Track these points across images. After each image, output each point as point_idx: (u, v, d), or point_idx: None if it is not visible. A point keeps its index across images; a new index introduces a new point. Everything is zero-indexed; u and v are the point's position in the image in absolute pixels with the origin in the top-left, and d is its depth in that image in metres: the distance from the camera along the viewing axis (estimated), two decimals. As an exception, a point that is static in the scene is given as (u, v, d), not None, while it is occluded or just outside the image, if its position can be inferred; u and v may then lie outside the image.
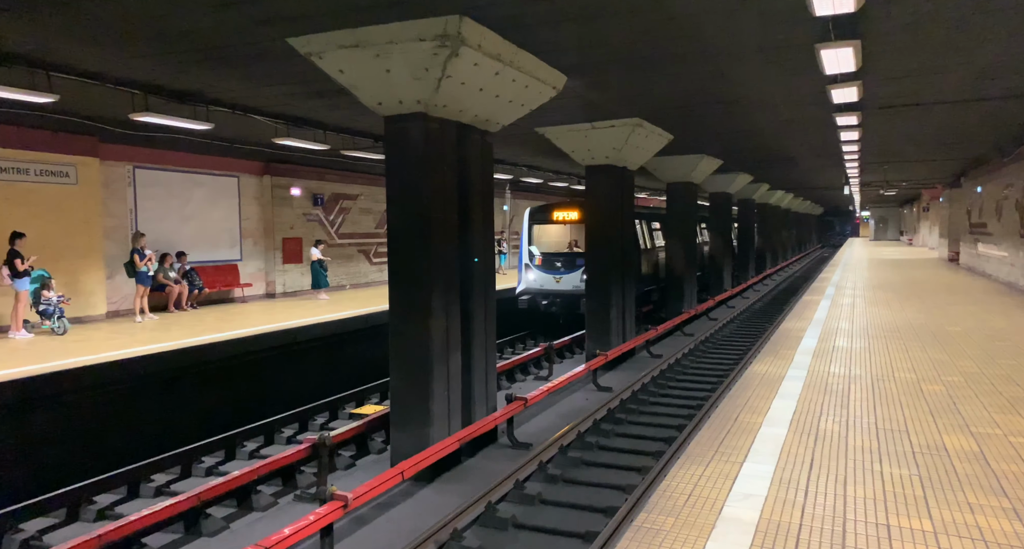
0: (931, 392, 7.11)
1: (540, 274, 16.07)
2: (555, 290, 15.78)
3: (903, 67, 8.94)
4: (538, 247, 16.94)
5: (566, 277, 15.84)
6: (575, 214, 16.16)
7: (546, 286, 15.93)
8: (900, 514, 4.18)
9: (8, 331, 10.89)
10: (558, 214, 16.69)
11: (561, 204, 16.99)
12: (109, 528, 5.48)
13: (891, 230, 63.15)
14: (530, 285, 16.16)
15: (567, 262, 16.06)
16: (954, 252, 28.00)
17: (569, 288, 15.62)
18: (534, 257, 16.32)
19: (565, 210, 16.62)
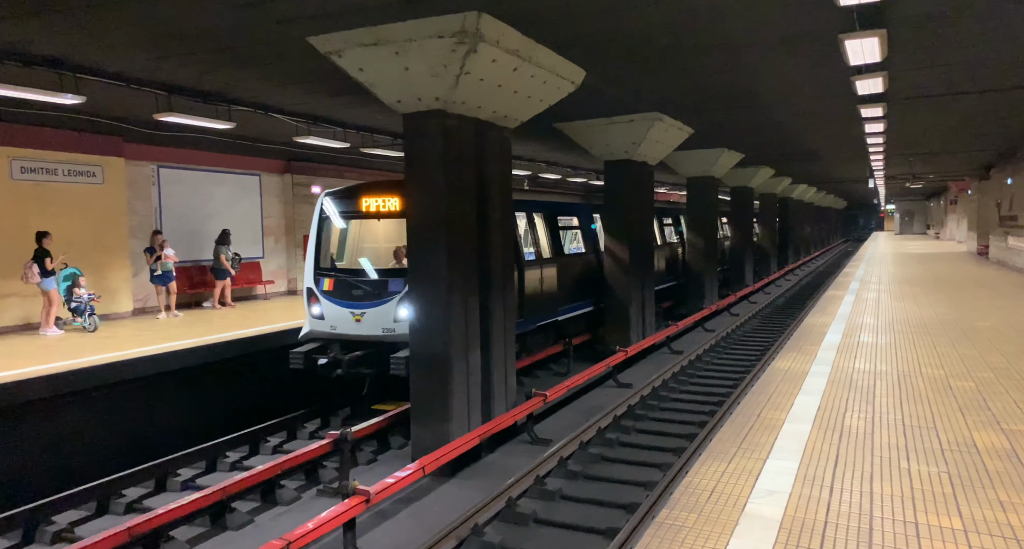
0: (960, 388, 6.97)
1: (331, 307, 9.26)
2: (354, 335, 9.08)
3: (930, 56, 8.75)
4: (338, 257, 10.31)
5: (372, 311, 8.96)
6: (395, 201, 9.27)
7: (340, 327, 9.16)
8: (929, 512, 4.10)
9: (39, 328, 11.14)
10: (369, 202, 9.52)
11: (372, 187, 9.83)
12: (138, 521, 5.59)
13: (917, 224, 61.97)
14: (316, 327, 9.43)
15: (374, 286, 9.12)
16: (983, 246, 27.39)
17: (376, 331, 8.90)
18: (322, 278, 9.48)
19: (379, 195, 9.46)
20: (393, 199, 9.32)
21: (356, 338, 9.07)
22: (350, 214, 9.93)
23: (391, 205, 9.37)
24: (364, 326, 9.00)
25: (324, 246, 9.87)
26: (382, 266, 9.95)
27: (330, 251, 10.01)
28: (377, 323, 8.90)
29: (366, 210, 9.58)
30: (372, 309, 8.97)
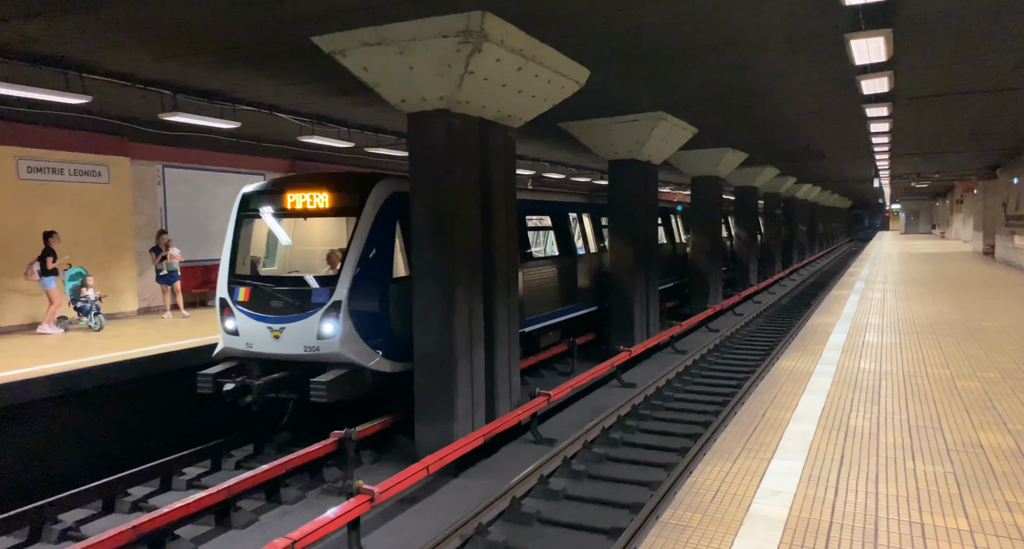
0: (966, 388, 6.94)
1: (246, 321, 7.96)
2: (272, 354, 7.83)
3: (937, 56, 8.71)
4: (262, 261, 9.15)
5: (293, 327, 7.70)
6: (325, 197, 8.11)
7: (257, 345, 7.90)
8: (935, 512, 4.09)
9: (40, 327, 11.18)
10: (295, 198, 8.26)
11: (299, 181, 8.76)
12: (143, 519, 5.61)
13: (923, 223, 61.71)
14: (229, 344, 8.14)
15: (295, 297, 7.82)
16: (989, 245, 27.27)
17: (296, 350, 7.66)
18: (237, 287, 8.18)
19: (308, 190, 8.22)
20: (323, 195, 8.12)
21: (275, 358, 7.80)
22: (274, 212, 8.67)
23: (320, 202, 8.12)
24: (283, 344, 7.70)
25: (242, 250, 8.60)
26: (311, 273, 8.62)
27: (249, 255, 8.71)
28: (298, 340, 7.64)
29: (292, 207, 8.33)
30: (292, 324, 7.68)
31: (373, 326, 7.84)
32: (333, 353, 7.48)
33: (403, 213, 8.06)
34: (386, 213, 8.06)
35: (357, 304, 7.67)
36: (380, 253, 7.96)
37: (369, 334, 7.77)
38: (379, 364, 7.79)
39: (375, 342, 7.82)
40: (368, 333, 7.76)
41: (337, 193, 8.16)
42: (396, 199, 8.21)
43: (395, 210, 8.16)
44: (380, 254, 7.96)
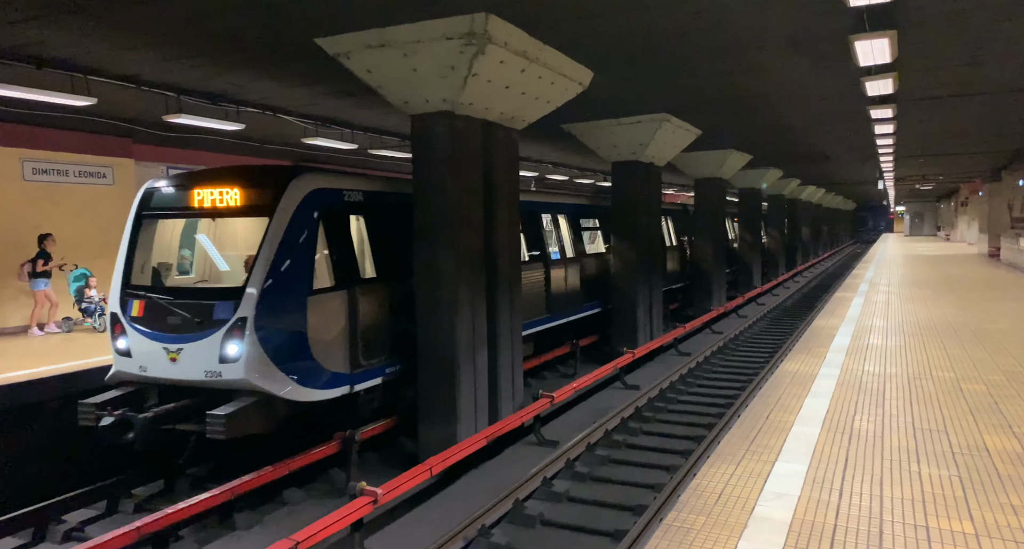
0: (971, 391, 6.91)
1: (139, 340, 6.84)
2: (169, 379, 6.74)
3: (942, 58, 8.69)
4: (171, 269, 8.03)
5: (191, 347, 6.59)
6: (235, 193, 6.96)
7: (152, 369, 6.76)
8: (940, 516, 4.07)
9: (45, 327, 11.21)
10: (203, 196, 7.11)
11: (208, 176, 7.40)
12: (147, 520, 5.62)
13: (927, 225, 61.52)
14: (122, 367, 6.97)
15: (195, 312, 6.67)
16: (994, 247, 27.17)
17: (196, 375, 6.56)
18: (131, 300, 7.05)
19: (219, 186, 7.07)
20: (233, 191, 6.93)
21: (173, 383, 6.69)
22: (180, 211, 7.40)
23: (231, 199, 6.94)
24: (181, 367, 6.55)
25: (140, 256, 7.43)
26: (219, 282, 7.80)
27: (149, 262, 7.53)
28: (197, 363, 6.48)
29: (200, 206, 7.12)
30: (190, 344, 6.52)
31: (287, 347, 6.60)
32: (237, 379, 6.36)
33: (329, 212, 7.20)
34: (306, 213, 6.89)
35: (267, 321, 6.44)
36: (297, 260, 6.73)
37: (282, 357, 6.54)
38: (294, 392, 6.56)
39: (289, 366, 6.59)
40: (281, 355, 6.52)
41: (248, 189, 6.95)
42: (320, 196, 7.13)
43: (318, 209, 7.05)
44: (297, 261, 6.73)
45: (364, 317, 7.41)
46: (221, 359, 6.47)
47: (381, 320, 7.73)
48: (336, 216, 7.36)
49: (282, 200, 6.83)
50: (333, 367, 7.03)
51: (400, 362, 7.97)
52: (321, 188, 7.23)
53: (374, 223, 8.08)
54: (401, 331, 7.90)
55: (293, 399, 6.61)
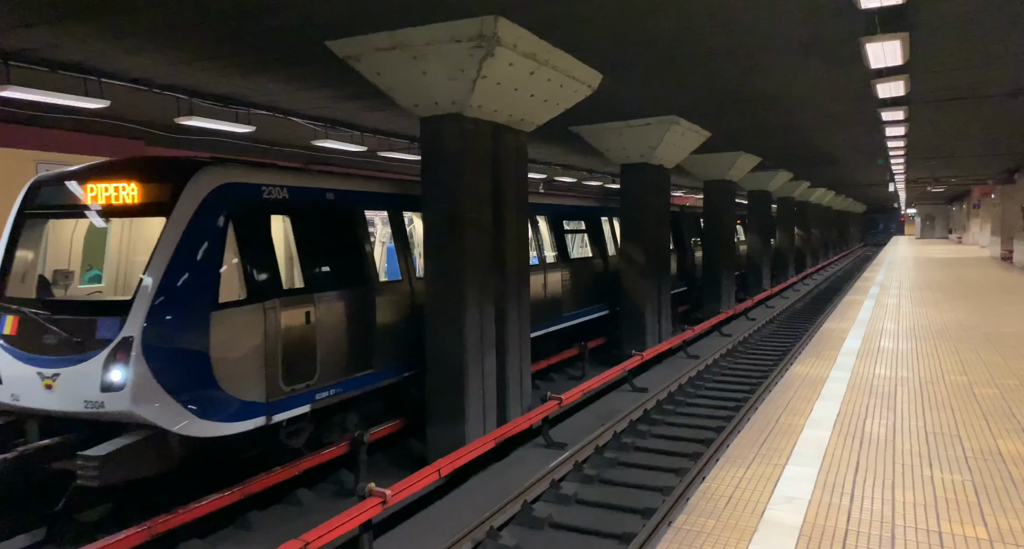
0: (984, 395, 6.85)
1: (10, 363, 5.88)
2: (44, 410, 5.77)
3: (954, 59, 8.63)
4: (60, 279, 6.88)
5: (68, 372, 5.60)
6: (132, 190, 6.05)
7: (25, 397, 5.79)
8: (952, 521, 4.03)
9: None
10: (96, 191, 6.19)
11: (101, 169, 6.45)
12: (157, 520, 5.65)
13: (939, 228, 61.06)
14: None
15: (75, 329, 5.67)
16: (1007, 250, 26.91)
17: (74, 405, 5.56)
18: (4, 315, 6.10)
19: (111, 180, 6.15)
20: (129, 187, 5.99)
21: (49, 415, 5.72)
22: (67, 210, 6.40)
23: (126, 196, 5.99)
24: (57, 396, 5.55)
25: (20, 262, 6.42)
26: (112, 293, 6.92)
27: (33, 270, 6.53)
28: (75, 391, 5.49)
29: (92, 204, 6.14)
30: (68, 368, 5.52)
31: (184, 372, 5.62)
32: (122, 411, 5.38)
33: (243, 212, 6.20)
34: (211, 212, 5.94)
35: (159, 341, 5.47)
36: (199, 268, 5.78)
37: (177, 383, 5.55)
38: (191, 426, 5.58)
39: (187, 395, 5.60)
40: (175, 382, 5.54)
41: (145, 185, 5.98)
42: (230, 193, 6.15)
43: (228, 208, 6.07)
44: (199, 270, 5.78)
45: (288, 335, 6.39)
46: (103, 387, 5.40)
47: (311, 338, 6.68)
48: (252, 216, 6.35)
49: (181, 197, 5.84)
50: (244, 394, 5.98)
51: (338, 385, 7.00)
52: (232, 183, 6.23)
53: (306, 225, 7.01)
54: (340, 349, 7.00)
55: (191, 434, 5.62)
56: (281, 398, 6.36)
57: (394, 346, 7.88)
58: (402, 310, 8.12)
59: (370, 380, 7.56)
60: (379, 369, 7.66)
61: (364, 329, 7.46)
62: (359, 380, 7.41)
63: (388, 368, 7.83)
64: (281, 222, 7.22)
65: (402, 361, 8.03)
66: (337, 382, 7.05)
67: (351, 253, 7.51)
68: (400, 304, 8.11)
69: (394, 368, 7.94)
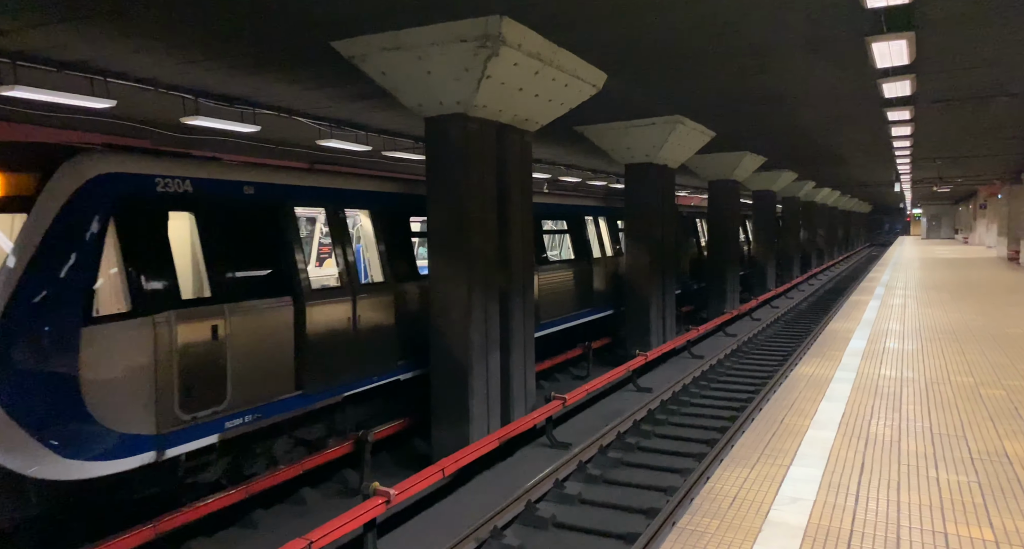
0: (990, 396, 6.82)
1: None
2: None
3: (960, 59, 8.60)
4: None
5: None
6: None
7: None
8: (958, 522, 4.02)
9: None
10: None
11: None
12: (163, 519, 5.67)
13: (945, 228, 60.77)
14: None
15: None
16: (1014, 251, 26.77)
17: None
18: None
19: None
20: None
21: None
22: None
23: None
24: None
25: None
26: None
27: None
28: None
29: None
30: None
31: (44, 402, 4.77)
32: None
33: (129, 208, 5.36)
34: (84, 209, 5.11)
35: (9, 364, 4.68)
36: (66, 276, 4.92)
37: (34, 416, 4.71)
38: (52, 468, 4.76)
39: (47, 431, 4.75)
40: (31, 414, 4.70)
41: (6, 174, 5.18)
42: (110, 185, 5.28)
43: (106, 203, 5.22)
44: (66, 278, 4.92)
45: (187, 353, 5.55)
46: None
47: (219, 356, 5.79)
48: (142, 213, 5.46)
49: (45, 190, 4.98)
50: (126, 426, 5.08)
51: (258, 410, 6.13)
52: (116, 173, 5.32)
53: (216, 224, 6.07)
54: (260, 367, 6.15)
55: (52, 478, 4.77)
56: (178, 429, 5.47)
57: (332, 362, 6.92)
58: (341, 322, 7.09)
59: (303, 402, 6.61)
60: (314, 389, 6.71)
61: (292, 344, 6.55)
62: (288, 403, 6.45)
63: (326, 387, 6.89)
64: (183, 221, 6.03)
65: (342, 379, 7.06)
66: (257, 406, 6.13)
67: (275, 257, 6.61)
68: (338, 315, 7.06)
69: (333, 387, 6.99)
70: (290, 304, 6.64)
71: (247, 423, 6.08)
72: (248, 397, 6.10)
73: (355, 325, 7.32)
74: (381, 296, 7.80)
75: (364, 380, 7.46)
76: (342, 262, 7.44)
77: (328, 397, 7.00)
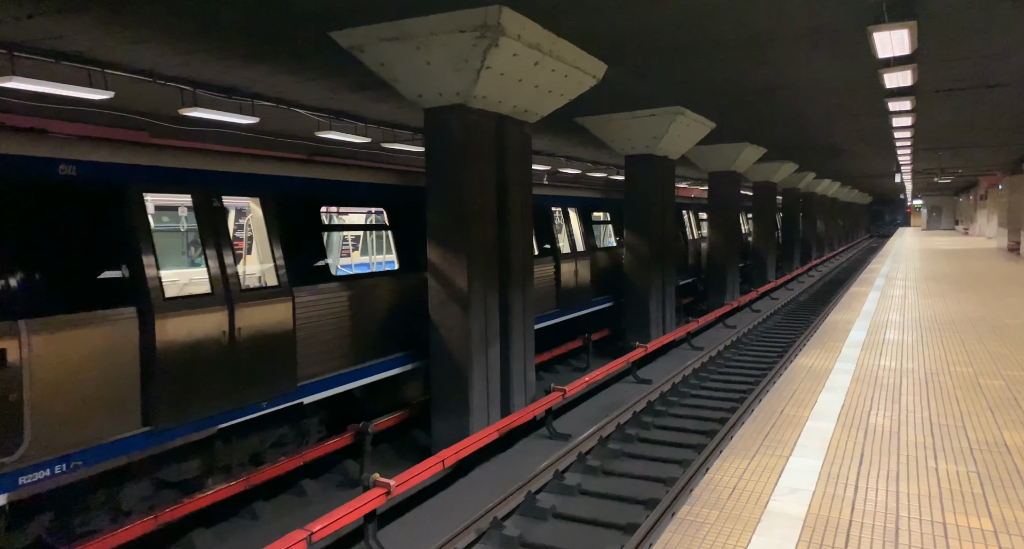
0: (990, 387, 6.82)
1: None
2: None
3: (962, 49, 8.55)
4: None
5: None
6: None
7: None
8: (957, 512, 4.03)
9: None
10: None
11: None
12: (164, 510, 5.69)
13: (945, 219, 60.73)
14: None
15: None
16: (1014, 242, 26.74)
17: None
18: None
19: None
20: None
21: None
22: None
23: None
24: None
25: None
26: None
27: None
28: None
29: None
30: None
31: None
32: None
33: None
34: None
35: None
36: None
37: None
38: None
39: None
40: None
41: None
42: None
43: None
44: None
45: None
46: None
47: (9, 389, 4.54)
48: None
49: None
50: None
51: (80, 456, 4.90)
52: None
53: (10, 214, 4.74)
54: (79, 401, 4.90)
55: None
56: None
57: (197, 389, 5.64)
58: (212, 338, 5.77)
59: (149, 441, 5.35)
60: (168, 424, 5.42)
61: (137, 369, 5.27)
62: (126, 444, 5.21)
63: (187, 421, 5.58)
64: None
65: (214, 408, 5.79)
66: (79, 452, 4.88)
67: (111, 257, 5.27)
68: (208, 329, 5.74)
69: (198, 420, 5.67)
70: (134, 317, 5.26)
71: (58, 475, 4.75)
72: (62, 441, 4.77)
73: (233, 341, 5.93)
74: (274, 304, 6.35)
75: (248, 408, 6.09)
76: (215, 263, 5.95)
77: (189, 433, 5.63)
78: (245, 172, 6.49)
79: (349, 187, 7.73)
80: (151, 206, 6.36)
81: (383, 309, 7.77)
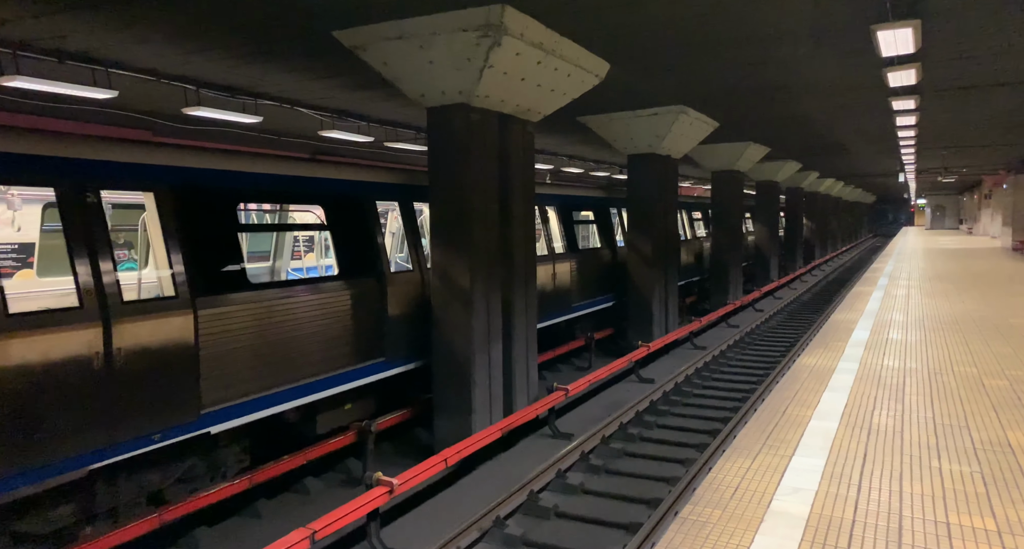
0: (994, 387, 6.80)
1: None
2: None
3: (967, 47, 8.51)
4: None
5: None
6: None
7: None
8: (961, 512, 4.02)
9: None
10: None
11: None
12: (167, 508, 5.71)
13: (949, 218, 60.54)
14: None
15: None
16: (1019, 241, 26.67)
17: None
18: None
19: None
20: None
21: None
22: None
23: None
24: None
25: None
26: None
27: None
28: None
29: None
30: None
31: None
32: None
33: None
34: None
35: None
36: None
37: None
38: None
39: None
40: None
41: None
42: None
43: None
44: None
45: None
46: None
47: None
48: None
49: None
50: None
51: None
52: None
53: None
54: None
55: None
56: None
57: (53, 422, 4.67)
58: (78, 360, 4.81)
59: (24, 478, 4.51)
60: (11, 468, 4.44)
61: None
62: None
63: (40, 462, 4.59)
64: None
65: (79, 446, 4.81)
66: None
67: None
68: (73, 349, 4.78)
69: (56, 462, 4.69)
70: None
71: None
72: None
73: (109, 363, 4.98)
74: (168, 317, 5.41)
75: (133, 442, 5.14)
76: (86, 269, 4.99)
77: (43, 479, 4.62)
78: (133, 162, 5.44)
79: (275, 181, 6.65)
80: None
81: (320, 320, 6.76)
